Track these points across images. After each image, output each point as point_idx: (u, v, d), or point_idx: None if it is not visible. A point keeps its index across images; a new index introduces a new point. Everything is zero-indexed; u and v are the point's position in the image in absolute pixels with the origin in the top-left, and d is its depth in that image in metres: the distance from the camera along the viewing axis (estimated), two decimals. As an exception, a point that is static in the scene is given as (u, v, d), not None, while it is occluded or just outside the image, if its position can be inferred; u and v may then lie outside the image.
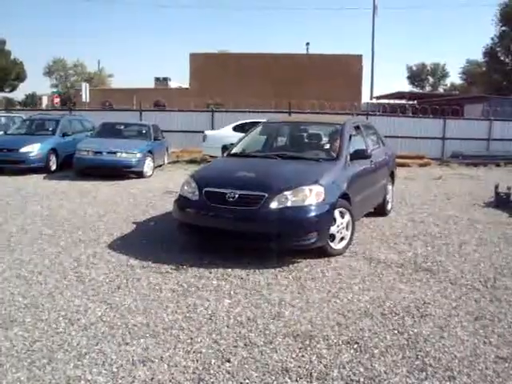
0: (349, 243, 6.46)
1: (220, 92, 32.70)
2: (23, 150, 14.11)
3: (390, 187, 9.11)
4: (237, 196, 5.88)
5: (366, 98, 40.83)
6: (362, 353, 3.79)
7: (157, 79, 48.65)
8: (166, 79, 48.36)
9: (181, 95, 35.47)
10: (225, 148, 8.05)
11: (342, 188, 6.34)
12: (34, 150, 14.19)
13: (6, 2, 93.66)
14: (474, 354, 3.80)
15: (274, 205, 5.77)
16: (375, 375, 3.48)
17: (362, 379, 3.42)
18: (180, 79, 48.72)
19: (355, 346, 3.90)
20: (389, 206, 9.08)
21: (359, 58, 41.12)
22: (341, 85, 36.37)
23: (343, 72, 38.20)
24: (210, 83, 37.08)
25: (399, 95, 41.68)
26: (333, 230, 6.12)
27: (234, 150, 7.75)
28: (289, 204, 5.79)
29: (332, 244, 6.17)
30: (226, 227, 5.95)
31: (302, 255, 6.10)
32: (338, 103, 22.64)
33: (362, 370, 3.55)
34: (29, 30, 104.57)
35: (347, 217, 6.35)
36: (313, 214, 5.80)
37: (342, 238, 6.33)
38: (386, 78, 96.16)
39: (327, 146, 7.59)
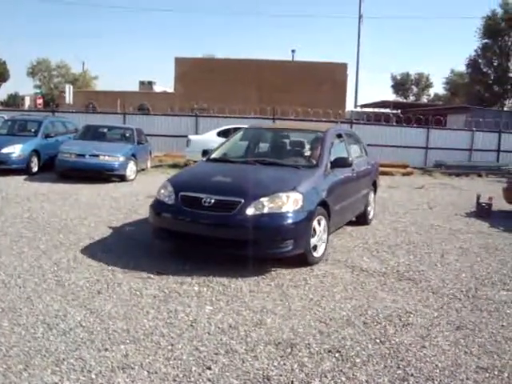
0: (326, 249, 6.47)
1: (205, 97, 32.72)
2: (4, 150, 13.93)
3: (372, 197, 9.09)
4: (213, 201, 5.81)
5: (350, 106, 41.14)
6: (344, 362, 3.77)
7: (141, 83, 48.51)
8: (150, 83, 48.26)
9: (165, 99, 35.40)
10: (205, 152, 7.87)
11: (321, 195, 6.31)
12: (15, 150, 14.02)
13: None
14: (456, 364, 3.80)
15: (250, 211, 5.69)
16: (356, 385, 3.46)
17: (343, 388, 3.40)
18: (165, 83, 48.61)
19: (337, 354, 3.88)
20: (370, 216, 9.05)
21: (344, 66, 41.42)
22: (326, 92, 36.63)
23: (328, 80, 38.46)
24: (195, 88, 37.07)
25: (383, 104, 42.02)
26: (314, 241, 6.10)
27: (214, 155, 7.64)
28: (265, 211, 5.72)
29: (314, 253, 6.16)
30: (201, 233, 5.86)
31: (284, 263, 6.05)
32: (322, 110, 22.72)
33: (343, 379, 3.53)
34: (12, 29, 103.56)
35: (324, 223, 6.34)
36: (290, 221, 5.73)
37: (320, 246, 6.34)
38: (370, 87, 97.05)
39: (308, 153, 7.48)
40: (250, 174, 6.58)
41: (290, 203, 5.79)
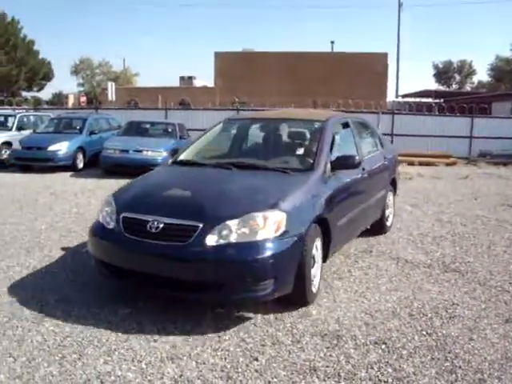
0: (319, 284, 4.90)
1: (245, 90, 32.72)
2: (51, 148, 14.34)
3: (390, 198, 7.60)
4: (161, 226, 4.25)
5: (391, 96, 40.55)
6: (390, 353, 3.77)
7: (182, 78, 48.87)
8: (190, 78, 48.56)
9: (206, 94, 35.62)
10: (174, 152, 6.48)
11: (317, 210, 4.72)
12: (61, 148, 14.42)
13: (34, 2, 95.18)
14: (505, 357, 3.75)
15: (211, 240, 4.10)
16: (404, 376, 3.46)
17: (390, 380, 3.41)
18: (205, 78, 48.92)
19: (383, 346, 3.89)
20: (389, 222, 7.58)
21: (385, 56, 40.77)
22: (366, 83, 36.11)
23: (368, 70, 37.90)
24: (234, 82, 37.13)
25: (425, 93, 41.26)
26: (313, 272, 4.67)
27: (182, 157, 6.02)
28: (233, 239, 4.12)
29: (313, 288, 4.67)
30: (146, 270, 4.33)
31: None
32: (363, 102, 22.48)
33: (390, 370, 3.53)
34: (56, 29, 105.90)
35: (320, 248, 4.84)
36: (268, 253, 4.08)
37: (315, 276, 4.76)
38: (411, 76, 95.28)
39: (301, 151, 5.82)
40: (218, 184, 4.93)
41: (268, 227, 4.18)
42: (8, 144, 15.56)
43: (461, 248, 6.72)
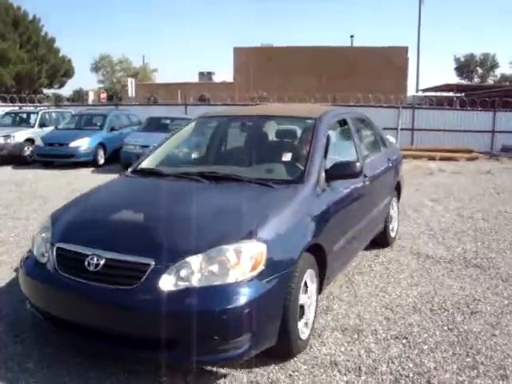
0: (314, 323, 3.96)
1: (264, 86, 32.71)
2: (73, 144, 14.54)
3: (394, 206, 6.61)
4: (102, 262, 3.26)
5: (411, 91, 40.22)
6: (411, 348, 3.77)
7: (201, 74, 48.99)
8: (210, 73, 48.65)
9: (225, 89, 35.66)
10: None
11: (308, 236, 3.72)
12: (83, 144, 14.61)
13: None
14: (528, 353, 3.72)
15: (166, 282, 3.11)
16: (425, 371, 3.46)
17: (411, 374, 3.41)
18: (224, 74, 48.99)
19: (404, 341, 3.89)
20: (393, 233, 6.59)
21: (405, 49, 40.42)
22: (386, 78, 35.83)
23: (388, 65, 37.63)
24: (254, 77, 37.13)
25: (446, 88, 40.81)
26: (306, 312, 3.75)
27: (144, 164, 4.93)
28: (195, 281, 3.12)
29: (302, 335, 3.67)
30: (85, 321, 3.32)
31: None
32: (383, 96, 22.31)
33: (411, 365, 3.54)
34: (76, 26, 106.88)
35: (314, 284, 3.89)
36: (242, 300, 3.08)
37: (306, 322, 3.78)
38: (432, 70, 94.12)
39: (288, 157, 4.63)
40: (181, 203, 3.88)
41: (243, 264, 3.17)
42: (31, 141, 15.79)
43: (482, 243, 6.66)
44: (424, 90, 40.71)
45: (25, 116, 18.13)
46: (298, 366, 3.50)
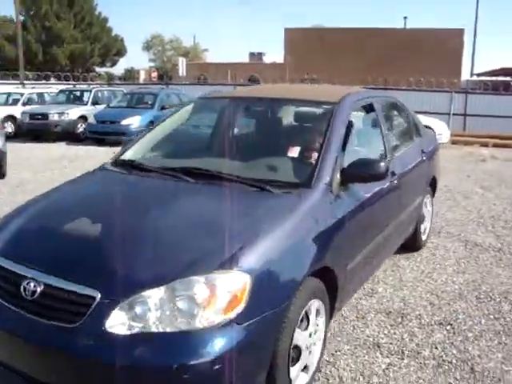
0: (319, 364, 3.17)
1: (314, 67, 32.46)
2: (124, 122, 14.86)
3: (428, 204, 5.71)
4: (39, 290, 2.50)
5: (466, 75, 39.09)
6: (455, 335, 3.76)
7: (252, 54, 48.90)
8: (260, 54, 48.49)
9: (275, 70, 35.54)
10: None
11: (312, 258, 2.87)
12: (134, 122, 14.90)
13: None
14: None
15: (114, 323, 2.33)
16: (468, 358, 3.44)
17: (454, 361, 3.41)
18: (275, 54, 48.76)
19: (448, 327, 3.87)
20: (425, 235, 5.71)
21: (460, 32, 39.27)
22: (440, 61, 34.95)
23: (442, 47, 36.66)
24: (304, 58, 36.89)
25: (502, 72, 39.44)
26: (297, 368, 2.87)
27: (127, 154, 4.07)
28: (153, 324, 2.33)
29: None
30: (17, 367, 2.56)
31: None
32: (434, 80, 21.77)
33: (454, 351, 3.53)
34: (128, 6, 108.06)
35: (321, 318, 3.10)
36: (211, 354, 2.28)
37: (305, 366, 2.99)
38: (489, 54, 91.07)
39: (295, 153, 3.71)
40: (151, 211, 3.07)
41: (216, 303, 2.38)
42: (84, 118, 16.25)
43: (535, 233, 6.50)
44: (479, 75, 39.48)
45: (78, 94, 18.62)
46: (341, 346, 3.54)
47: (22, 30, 31.15)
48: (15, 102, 18.19)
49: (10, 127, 16.39)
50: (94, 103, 17.34)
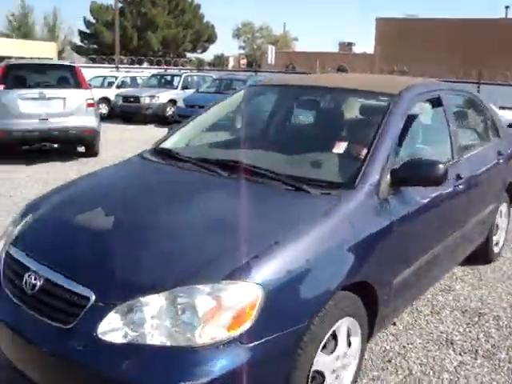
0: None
1: (405, 59, 31.60)
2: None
3: (503, 213, 5.10)
4: (39, 284, 2.36)
5: None
6: (536, 340, 3.63)
7: (341, 44, 48.40)
8: (350, 44, 47.94)
9: (364, 61, 35.02)
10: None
11: (344, 271, 2.50)
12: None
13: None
14: None
15: (107, 329, 2.12)
16: (548, 364, 3.32)
17: (532, 366, 3.30)
18: (365, 45, 47.96)
19: (528, 331, 3.74)
20: (497, 247, 5.11)
21: None
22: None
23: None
24: (394, 49, 36.00)
25: None
26: None
27: (167, 142, 3.81)
28: (148, 334, 2.09)
29: None
30: (14, 361, 2.45)
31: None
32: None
33: (533, 357, 3.41)
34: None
35: (357, 337, 2.73)
36: (208, 377, 2.00)
37: None
38: None
39: (341, 150, 3.32)
40: (168, 209, 2.76)
41: (220, 317, 2.10)
42: (173, 102, 16.77)
43: None
44: None
45: (169, 78, 19.23)
46: (413, 340, 3.52)
47: (119, 16, 32.41)
48: (110, 84, 19.09)
49: (104, 108, 17.22)
50: (184, 88, 17.84)
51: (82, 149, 10.29)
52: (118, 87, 18.77)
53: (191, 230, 2.51)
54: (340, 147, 3.32)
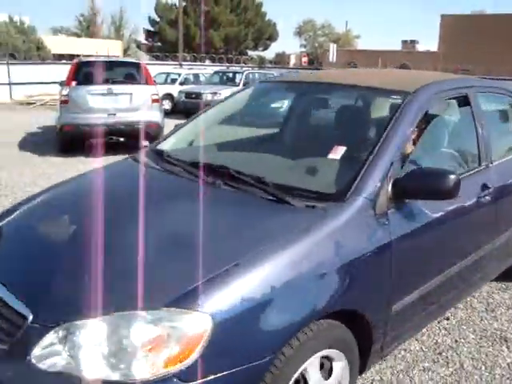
0: None
1: (470, 58, 30.84)
2: (274, 104, 15.32)
3: None
4: None
5: None
6: None
7: (404, 42, 47.63)
8: (413, 42, 47.11)
9: (428, 59, 34.30)
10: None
11: (322, 295, 2.16)
12: (282, 106, 15.31)
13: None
14: None
15: (40, 354, 1.89)
16: None
17: None
18: (429, 43, 46.96)
19: None
20: None
21: None
22: None
23: None
24: (460, 47, 35.15)
25: None
26: None
27: (165, 143, 3.58)
28: (80, 365, 1.83)
29: None
30: None
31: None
32: None
33: None
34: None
35: (341, 374, 2.38)
36: None
37: None
38: None
39: (337, 156, 2.84)
40: (132, 223, 2.41)
41: (158, 350, 1.83)
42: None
43: None
44: None
45: (231, 75, 19.54)
46: (466, 335, 3.54)
47: (182, 14, 33.08)
48: (173, 81, 19.58)
49: (167, 104, 17.70)
50: (246, 85, 18.08)
51: (146, 143, 10.65)
52: (181, 84, 19.22)
53: (147, 248, 2.18)
54: (337, 152, 2.85)
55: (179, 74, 20.20)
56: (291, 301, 2.05)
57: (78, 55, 20.49)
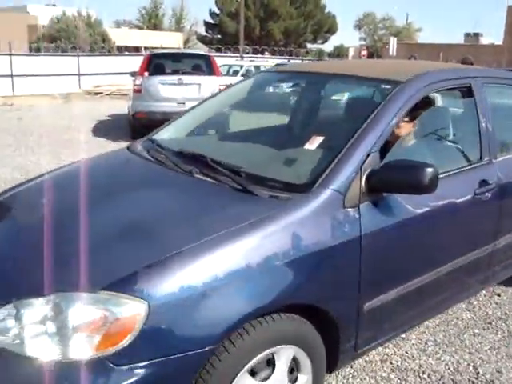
0: None
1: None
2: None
3: None
4: None
5: None
6: None
7: (467, 35, 46.57)
8: (477, 35, 45.92)
9: (492, 52, 33.55)
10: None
11: (272, 287, 2.11)
12: (342, 98, 15.57)
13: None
14: None
15: None
16: None
17: None
18: (494, 35, 45.80)
19: None
20: None
21: None
22: None
23: None
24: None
25: None
26: None
27: (160, 133, 3.57)
28: (22, 342, 1.90)
29: None
30: None
31: None
32: None
33: None
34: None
35: (303, 374, 2.36)
36: None
37: None
38: None
39: (313, 146, 2.79)
40: (103, 209, 2.50)
41: (91, 332, 1.87)
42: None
43: None
44: None
45: (290, 68, 19.88)
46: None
47: (243, 7, 33.61)
48: (235, 73, 20.10)
49: (230, 96, 18.20)
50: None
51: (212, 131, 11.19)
52: (243, 76, 19.70)
53: (98, 234, 2.25)
54: (313, 143, 2.79)
55: (241, 66, 20.70)
56: (237, 291, 2.03)
57: (140, 47, 21.27)
